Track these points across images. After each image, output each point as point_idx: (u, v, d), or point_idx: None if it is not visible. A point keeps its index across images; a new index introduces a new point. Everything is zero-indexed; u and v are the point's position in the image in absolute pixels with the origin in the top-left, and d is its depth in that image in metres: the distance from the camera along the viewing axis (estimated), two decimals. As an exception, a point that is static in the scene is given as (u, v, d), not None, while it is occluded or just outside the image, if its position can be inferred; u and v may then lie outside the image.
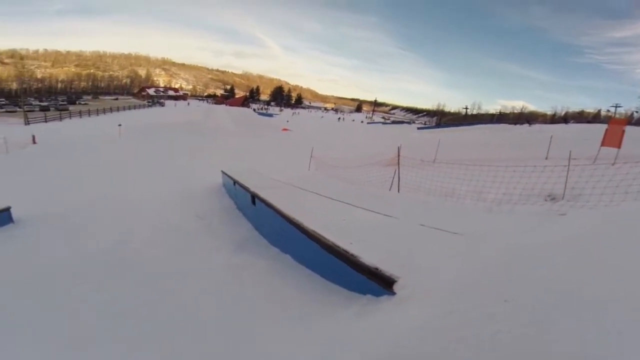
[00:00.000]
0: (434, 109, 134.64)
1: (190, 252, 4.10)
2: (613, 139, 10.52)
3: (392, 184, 8.60)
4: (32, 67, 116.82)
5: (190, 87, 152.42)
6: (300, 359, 1.39)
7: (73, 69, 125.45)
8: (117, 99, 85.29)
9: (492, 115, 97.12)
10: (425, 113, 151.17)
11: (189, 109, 40.57)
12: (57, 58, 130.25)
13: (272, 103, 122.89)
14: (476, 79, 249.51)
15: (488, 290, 1.27)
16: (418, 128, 52.37)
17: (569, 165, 6.11)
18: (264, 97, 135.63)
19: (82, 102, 66.88)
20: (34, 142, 18.80)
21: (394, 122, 79.29)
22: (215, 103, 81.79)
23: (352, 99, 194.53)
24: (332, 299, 2.31)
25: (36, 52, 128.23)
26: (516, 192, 5.78)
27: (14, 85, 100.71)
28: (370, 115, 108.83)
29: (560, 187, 6.15)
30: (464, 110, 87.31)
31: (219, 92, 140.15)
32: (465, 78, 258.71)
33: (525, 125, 39.69)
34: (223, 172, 7.52)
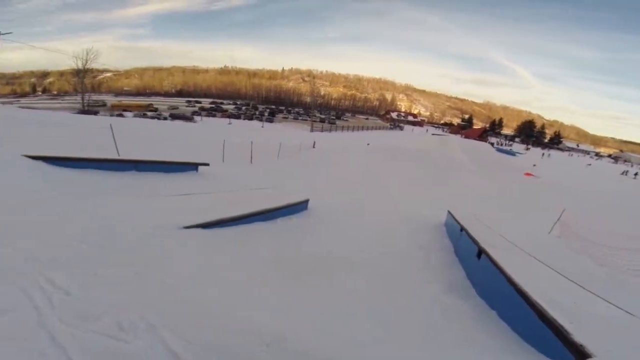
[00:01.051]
0: None
1: (409, 275, 4.93)
2: None
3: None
4: (318, 85, 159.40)
5: (428, 113, 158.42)
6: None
7: (341, 89, 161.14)
8: (367, 118, 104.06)
9: None
10: None
11: (424, 136, 43.10)
12: (332, 79, 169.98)
13: (517, 139, 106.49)
14: None
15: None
16: None
17: None
18: (507, 130, 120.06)
19: (344, 119, 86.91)
20: (314, 147, 26.92)
21: None
22: (450, 132, 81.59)
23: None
24: (521, 355, 2.60)
25: (321, 72, 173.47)
26: None
27: (307, 99, 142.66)
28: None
29: None
30: None
31: (456, 120, 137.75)
32: None
33: None
34: (449, 213, 7.80)
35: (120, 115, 46.43)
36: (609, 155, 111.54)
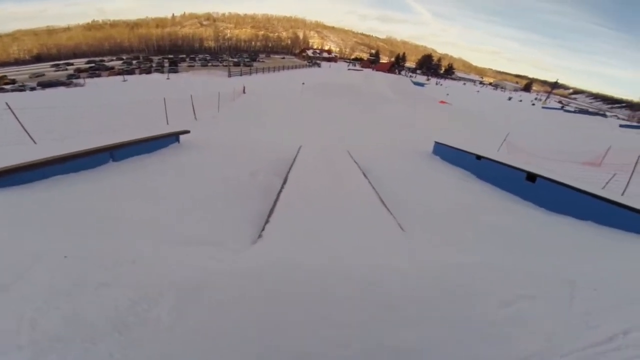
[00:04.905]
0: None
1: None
2: None
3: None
4: (222, 28, 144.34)
5: (338, 49, 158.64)
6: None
7: (249, 30, 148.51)
8: (284, 58, 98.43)
9: None
10: (624, 104, 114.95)
11: (345, 72, 42.85)
12: (238, 20, 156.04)
13: (418, 71, 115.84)
14: None
15: None
16: (621, 125, 39.61)
17: None
18: (409, 64, 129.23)
19: (260, 60, 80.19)
20: (244, 92, 24.46)
21: (580, 111, 62.34)
22: (362, 66, 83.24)
23: (517, 75, 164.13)
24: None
25: (223, 15, 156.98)
26: None
27: (212, 44, 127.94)
28: (544, 98, 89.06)
29: None
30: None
31: (364, 55, 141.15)
32: None
33: None
34: (437, 142, 9.14)
35: (-33, 96, 33.08)
36: (490, 84, 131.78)
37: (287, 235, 2.82)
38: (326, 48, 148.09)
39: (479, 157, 6.80)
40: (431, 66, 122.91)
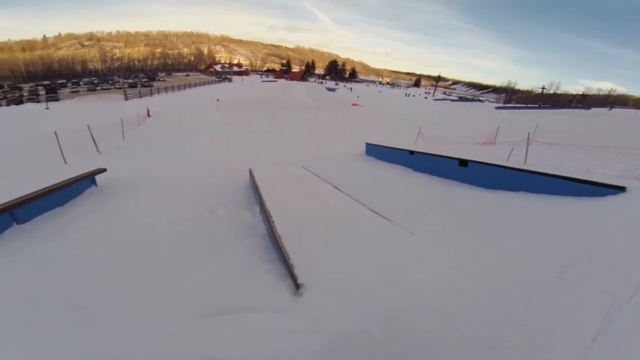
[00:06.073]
0: (503, 86, 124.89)
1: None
2: None
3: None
4: (109, 48, 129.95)
5: (248, 62, 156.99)
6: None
7: (144, 48, 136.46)
8: (188, 75, 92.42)
9: (574, 96, 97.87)
10: (490, 89, 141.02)
11: (261, 84, 42.33)
12: (129, 39, 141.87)
13: (327, 77, 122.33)
14: (555, 56, 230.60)
15: None
16: (497, 107, 48.88)
17: None
18: (318, 70, 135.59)
19: (160, 79, 73.62)
20: (149, 115, 21.91)
21: (461, 99, 74.43)
22: (275, 77, 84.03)
23: (407, 73, 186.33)
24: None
25: (110, 34, 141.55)
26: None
27: (99, 65, 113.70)
28: (432, 91, 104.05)
29: None
30: (540, 89, 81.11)
31: (276, 66, 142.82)
32: (541, 55, 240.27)
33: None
34: (368, 143, 9.68)
35: None
36: (387, 83, 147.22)
37: (326, 277, 2.27)
38: (235, 62, 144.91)
39: (412, 152, 7.31)
40: (337, 71, 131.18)
